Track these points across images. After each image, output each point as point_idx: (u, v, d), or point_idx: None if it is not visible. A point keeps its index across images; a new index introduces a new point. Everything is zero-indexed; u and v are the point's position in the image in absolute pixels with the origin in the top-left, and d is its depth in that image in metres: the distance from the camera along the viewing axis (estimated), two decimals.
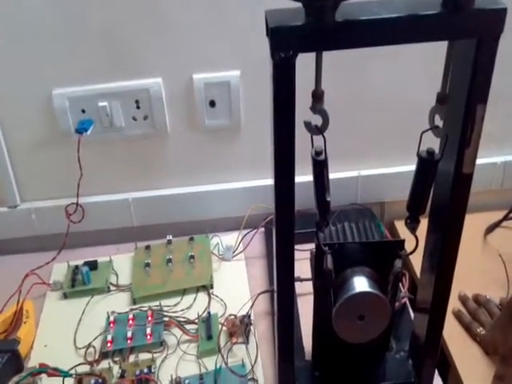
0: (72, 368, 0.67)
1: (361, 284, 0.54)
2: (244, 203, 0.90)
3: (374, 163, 0.92)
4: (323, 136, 0.49)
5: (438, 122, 0.51)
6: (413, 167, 0.92)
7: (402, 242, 0.55)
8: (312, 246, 0.57)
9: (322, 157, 0.51)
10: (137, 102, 0.84)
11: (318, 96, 0.49)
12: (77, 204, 0.86)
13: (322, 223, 0.53)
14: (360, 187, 0.92)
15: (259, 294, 0.75)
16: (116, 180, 0.91)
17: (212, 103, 0.85)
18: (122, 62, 0.81)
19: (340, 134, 0.49)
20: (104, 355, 0.70)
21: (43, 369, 0.62)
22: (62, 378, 0.64)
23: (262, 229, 0.89)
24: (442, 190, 0.51)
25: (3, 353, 0.68)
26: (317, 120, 0.49)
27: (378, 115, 0.87)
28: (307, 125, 0.50)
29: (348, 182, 0.92)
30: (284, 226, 0.51)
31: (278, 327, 0.55)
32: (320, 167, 0.51)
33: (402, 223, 0.90)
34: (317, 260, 0.55)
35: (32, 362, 0.70)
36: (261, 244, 0.89)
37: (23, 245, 0.91)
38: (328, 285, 0.55)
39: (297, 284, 0.54)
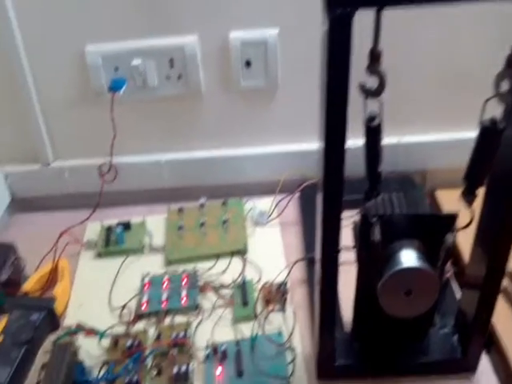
0: (108, 329, 0.67)
1: (410, 258, 0.52)
2: (279, 167, 0.88)
3: (416, 129, 0.88)
4: (379, 100, 0.46)
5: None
6: (460, 134, 0.88)
7: (455, 216, 0.52)
8: (352, 213, 0.55)
9: (377, 123, 0.48)
10: (171, 60, 0.81)
11: (376, 56, 0.46)
12: (110, 164, 0.84)
13: (371, 194, 0.50)
14: (401, 154, 0.88)
15: (296, 262, 0.73)
16: (149, 140, 0.89)
17: (248, 63, 0.82)
18: (157, 18, 0.78)
19: (382, 97, 0.47)
20: (139, 317, 0.70)
21: (80, 329, 0.62)
22: (98, 338, 0.64)
23: (298, 194, 0.86)
24: (504, 161, 0.48)
25: (40, 311, 0.69)
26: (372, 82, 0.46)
27: (425, 78, 0.82)
28: (362, 87, 0.47)
29: (389, 148, 0.88)
30: (332, 194, 0.48)
31: (320, 297, 0.53)
32: (373, 134, 0.48)
33: (443, 193, 0.88)
34: (363, 231, 0.53)
35: (67, 321, 0.71)
36: (296, 210, 0.87)
37: (56, 203, 0.91)
38: (374, 257, 0.53)
39: None
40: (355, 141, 0.48)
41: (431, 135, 0.88)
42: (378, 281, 0.53)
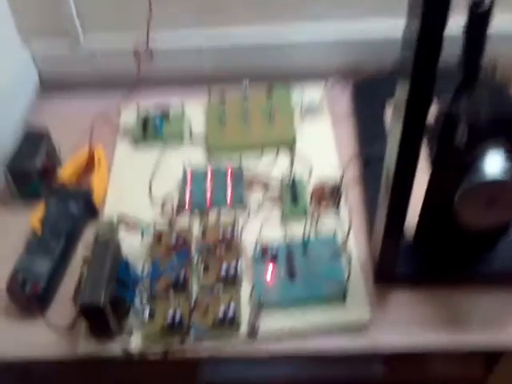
0: (150, 223, 0.63)
1: (496, 167, 0.45)
2: (333, 52, 0.79)
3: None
4: None
5: None
6: None
7: None
8: None
9: (485, 7, 0.38)
10: None
11: None
12: (147, 42, 0.76)
13: (464, 92, 0.42)
14: None
15: (352, 159, 0.67)
16: (187, 14, 0.79)
17: None
18: None
19: None
20: (182, 211, 0.66)
21: (122, 222, 0.59)
22: (140, 233, 0.61)
23: (352, 84, 0.78)
24: None
25: (78, 201, 0.65)
26: None
27: None
28: None
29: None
30: (421, 87, 0.40)
31: (390, 199, 0.47)
32: (480, 21, 0.39)
33: None
34: (445, 132, 0.46)
35: (106, 212, 0.67)
36: (349, 101, 0.78)
37: (88, 85, 0.84)
38: (455, 163, 0.46)
39: None
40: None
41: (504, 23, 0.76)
42: (456, 189, 0.47)
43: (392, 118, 0.44)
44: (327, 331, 0.54)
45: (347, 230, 0.60)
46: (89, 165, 0.72)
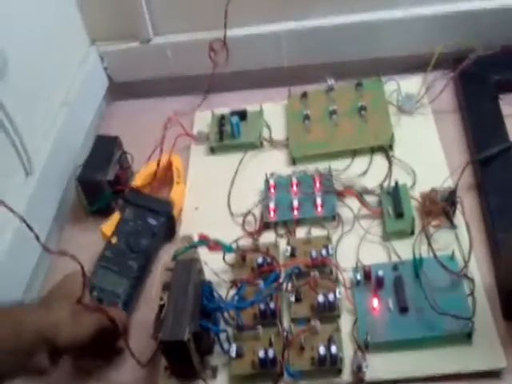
0: (234, 241, 0.56)
1: None
2: (431, 36, 0.69)
3: None
4: None
5: None
6: None
7: None
8: None
9: None
10: None
11: None
12: (224, 39, 0.69)
13: None
14: None
15: (468, 164, 0.57)
16: (264, 7, 0.71)
17: None
18: None
19: None
20: (265, 226, 0.58)
21: (203, 242, 0.52)
22: (222, 252, 0.54)
23: (457, 72, 0.66)
24: None
25: (159, 215, 0.60)
26: None
27: None
28: None
29: None
30: None
31: None
32: None
33: None
34: None
35: (184, 228, 0.61)
36: (454, 93, 0.68)
37: (159, 87, 0.78)
38: None
39: None
40: None
41: None
42: None
43: None
44: (448, 378, 0.44)
45: (467, 249, 0.49)
46: (163, 174, 0.67)
